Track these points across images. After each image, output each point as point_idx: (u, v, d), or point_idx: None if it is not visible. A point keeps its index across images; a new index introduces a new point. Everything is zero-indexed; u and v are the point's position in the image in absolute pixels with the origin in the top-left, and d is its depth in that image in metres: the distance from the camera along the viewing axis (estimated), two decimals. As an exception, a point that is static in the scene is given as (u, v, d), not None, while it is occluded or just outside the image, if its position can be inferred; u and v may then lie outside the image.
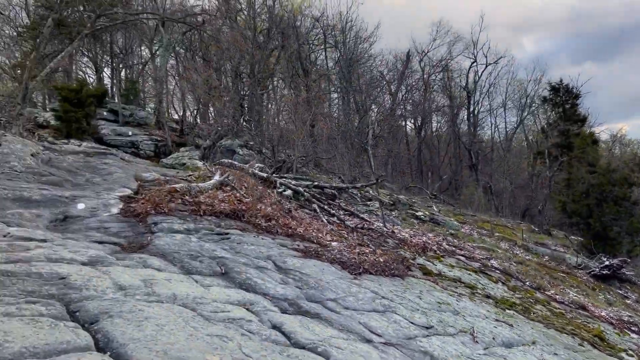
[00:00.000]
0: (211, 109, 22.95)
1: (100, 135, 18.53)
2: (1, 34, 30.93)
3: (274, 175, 12.94)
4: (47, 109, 23.06)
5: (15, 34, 25.81)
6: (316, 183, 13.16)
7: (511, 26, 66.93)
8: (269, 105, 28.64)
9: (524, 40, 69.24)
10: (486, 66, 38.21)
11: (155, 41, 27.97)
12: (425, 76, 37.81)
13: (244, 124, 18.93)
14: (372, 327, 4.78)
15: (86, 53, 30.36)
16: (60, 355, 2.61)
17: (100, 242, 5.23)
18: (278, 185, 12.21)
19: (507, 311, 7.80)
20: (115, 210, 6.65)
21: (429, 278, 8.11)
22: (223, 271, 5.10)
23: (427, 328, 5.37)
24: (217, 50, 23.62)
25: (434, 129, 42.54)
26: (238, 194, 8.77)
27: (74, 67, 34.61)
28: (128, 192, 7.87)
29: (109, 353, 2.79)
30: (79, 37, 14.45)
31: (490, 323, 6.46)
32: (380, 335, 4.66)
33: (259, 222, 7.63)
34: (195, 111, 20.58)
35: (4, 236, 4.39)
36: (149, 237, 5.75)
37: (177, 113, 22.63)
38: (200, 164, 14.67)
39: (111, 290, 3.66)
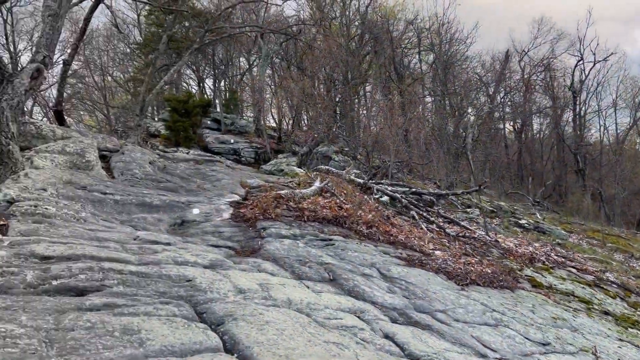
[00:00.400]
0: (307, 116, 23.49)
1: (205, 143, 19.66)
2: (116, 51, 33.97)
3: (370, 181, 12.93)
4: (157, 120, 24.90)
5: (128, 50, 28.14)
6: (413, 189, 12.95)
7: (622, 19, 61.57)
8: (362, 111, 28.72)
9: (636, 33, 63.35)
10: (594, 64, 35.43)
11: (252, 52, 29.20)
12: (525, 76, 35.87)
13: (338, 130, 19.13)
14: (485, 342, 4.59)
15: (190, 65, 32.42)
16: (195, 355, 2.77)
17: (216, 246, 5.52)
18: (375, 191, 12.18)
19: (630, 330, 7.14)
20: (226, 215, 6.99)
21: (539, 291, 7.66)
22: (331, 277, 5.16)
23: (543, 345, 5.06)
24: (312, 59, 24.14)
25: (535, 132, 40.20)
26: (338, 200, 8.86)
27: (180, 79, 37.16)
28: (236, 197, 8.24)
29: (236, 355, 2.92)
30: (189, 51, 15.45)
31: (613, 342, 5.95)
32: (495, 350, 4.46)
33: (361, 229, 7.64)
34: (291, 119, 21.18)
35: (134, 239, 4.77)
36: (259, 242, 5.97)
37: (274, 121, 23.43)
38: (298, 170, 15.02)
39: (232, 293, 3.84)
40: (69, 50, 16.28)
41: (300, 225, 7.09)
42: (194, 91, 33.85)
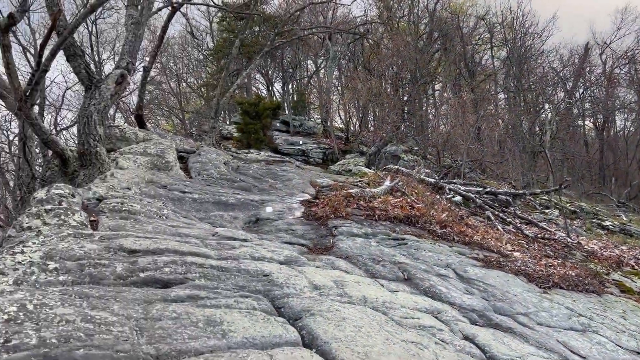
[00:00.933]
0: (374, 116, 23.36)
1: (275, 145, 20.04)
2: (190, 58, 35.44)
3: (442, 180, 12.61)
4: (229, 122, 25.70)
5: (202, 57, 29.25)
6: (488, 189, 12.49)
7: None
8: (431, 110, 28.15)
9: None
10: (687, 53, 32.56)
11: (320, 54, 29.42)
12: (607, 70, 33.64)
13: (407, 129, 18.84)
14: (572, 347, 4.32)
15: (260, 69, 33.19)
16: (275, 348, 2.80)
17: (290, 243, 5.58)
18: (447, 191, 11.86)
19: None
20: (298, 213, 7.06)
21: (629, 296, 7.12)
22: (406, 277, 5.06)
23: (639, 353, 4.69)
24: (379, 58, 23.97)
25: (618, 129, 37.57)
26: (409, 200, 8.70)
27: (250, 83, 38.16)
28: (307, 196, 8.31)
29: (314, 350, 2.91)
30: (260, 55, 15.83)
31: None
32: (585, 357, 4.18)
33: (434, 229, 7.45)
34: (358, 119, 21.14)
35: (213, 235, 4.92)
36: (331, 240, 5.97)
37: (342, 121, 23.49)
38: (366, 170, 14.93)
39: (308, 289, 3.86)
40: (148, 58, 17.17)
41: (372, 224, 7.03)
42: (263, 94, 34.70)
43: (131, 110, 24.53)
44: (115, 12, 23.84)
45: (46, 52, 5.71)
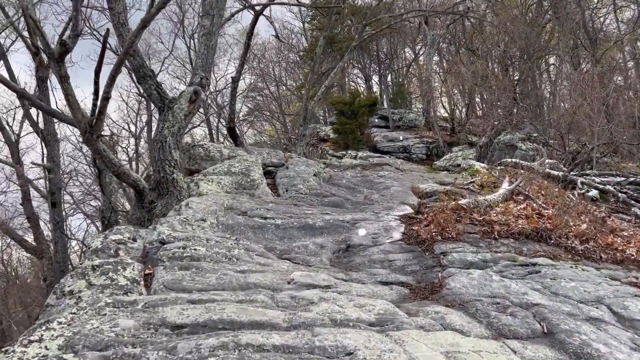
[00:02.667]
0: (482, 101, 21.25)
1: (373, 143, 18.93)
2: (287, 60, 35.41)
3: (571, 172, 10.68)
4: (327, 122, 25.03)
5: (298, 58, 28.95)
6: (632, 178, 10.32)
7: None
8: (547, 88, 25.16)
9: None
10: None
11: (417, 41, 27.71)
12: None
13: (522, 113, 16.69)
14: None
15: (356, 64, 32.18)
16: None
17: (386, 283, 4.51)
18: (579, 185, 9.96)
19: None
20: (396, 235, 5.94)
21: None
22: (545, 330, 3.75)
23: None
24: (483, 38, 21.79)
25: None
26: (535, 205, 7.16)
27: (346, 80, 37.30)
28: (408, 210, 7.14)
29: None
30: (348, 51, 14.83)
31: None
32: None
33: (572, 245, 5.91)
34: (465, 106, 19.27)
35: (289, 283, 4.00)
36: (439, 273, 4.79)
37: (445, 111, 21.70)
38: (477, 165, 13.29)
39: (407, 375, 2.76)
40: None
41: (490, 245, 5.70)
42: (361, 89, 33.66)
43: (223, 122, 24.75)
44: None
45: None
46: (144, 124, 23.07)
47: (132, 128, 26.32)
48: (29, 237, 15.22)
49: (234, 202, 6.43)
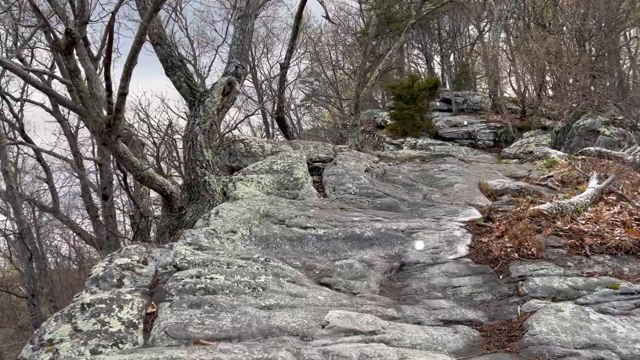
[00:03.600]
0: (557, 80, 19.26)
1: (435, 130, 17.63)
2: (344, 43, 34.23)
3: (670, 163, 9.08)
4: (386, 107, 23.84)
5: (354, 41, 27.81)
6: None
7: None
8: (628, 64, 22.60)
9: None
10: None
11: (482, 17, 25.75)
12: None
13: (604, 93, 14.83)
14: None
15: (416, 45, 30.56)
16: None
17: (449, 322, 3.57)
18: (681, 178, 8.41)
19: None
20: (462, 249, 4.95)
21: None
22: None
23: None
24: (556, 10, 19.73)
25: None
26: (633, 209, 5.88)
27: (405, 62, 35.61)
28: (475, 214, 6.10)
29: None
30: (405, 30, 13.62)
31: None
32: None
33: (690, 263, 4.68)
34: (537, 86, 17.49)
35: (323, 327, 3.16)
36: (518, 308, 3.79)
37: (515, 92, 19.92)
38: (553, 153, 11.83)
39: None
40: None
41: (581, 264, 4.59)
42: (422, 71, 32.02)
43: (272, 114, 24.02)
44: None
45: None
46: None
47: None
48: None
49: (271, 208, 5.64)
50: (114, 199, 14.10)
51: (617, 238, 5.03)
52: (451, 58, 28.57)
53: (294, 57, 27.05)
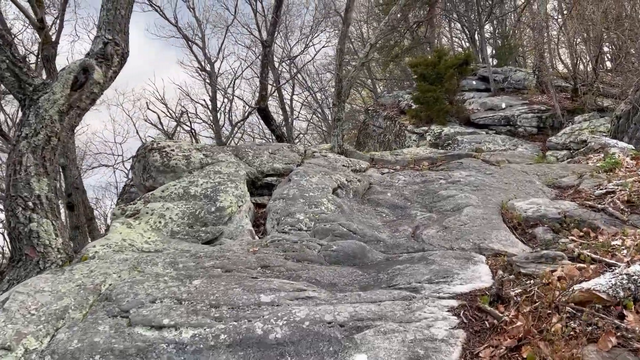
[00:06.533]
0: (615, 51, 15.92)
1: (466, 114, 14.82)
2: (371, 13, 31.19)
3: None
4: (412, 88, 21.00)
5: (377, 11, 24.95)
6: None
7: None
8: None
9: None
10: None
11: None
12: None
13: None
14: None
15: (453, 18, 27.28)
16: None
17: None
18: None
19: None
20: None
21: None
22: None
23: None
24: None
25: None
26: None
27: (448, 37, 32.18)
28: (481, 278, 3.65)
29: None
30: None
31: None
32: None
33: None
34: (593, 58, 14.34)
35: None
36: None
37: (564, 65, 16.73)
38: (614, 145, 9.02)
39: None
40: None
41: None
42: (465, 46, 28.73)
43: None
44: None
45: None
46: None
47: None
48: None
49: (125, 282, 3.40)
50: None
51: None
52: (491, 29, 25.24)
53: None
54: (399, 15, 20.51)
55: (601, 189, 5.70)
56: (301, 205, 5.00)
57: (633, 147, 8.96)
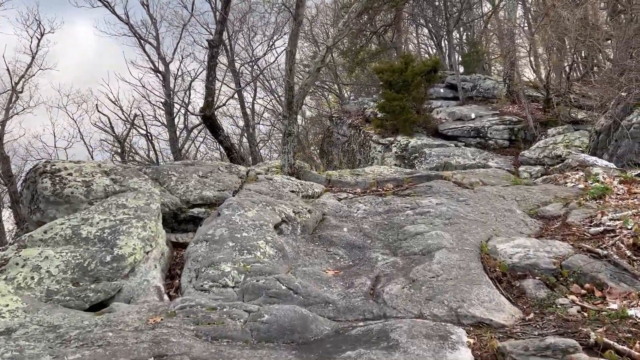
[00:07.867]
0: (593, 60, 15.36)
1: (434, 124, 13.95)
2: (338, 16, 30.33)
3: None
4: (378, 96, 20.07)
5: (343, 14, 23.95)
6: None
7: None
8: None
9: None
10: None
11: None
12: None
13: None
14: None
15: (420, 22, 26.60)
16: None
17: None
18: None
19: None
20: None
21: None
22: None
23: None
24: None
25: None
26: None
27: (415, 42, 31.50)
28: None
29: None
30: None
31: None
32: None
33: None
34: (566, 67, 13.69)
35: None
36: None
37: (536, 75, 16.07)
38: (596, 165, 8.25)
39: None
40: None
41: None
42: (432, 52, 28.09)
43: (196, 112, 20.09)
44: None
45: None
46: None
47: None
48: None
49: None
50: None
51: None
52: (457, 35, 24.67)
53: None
54: (365, 18, 19.66)
55: (597, 226, 4.77)
56: (229, 251, 3.87)
57: (615, 167, 8.19)
